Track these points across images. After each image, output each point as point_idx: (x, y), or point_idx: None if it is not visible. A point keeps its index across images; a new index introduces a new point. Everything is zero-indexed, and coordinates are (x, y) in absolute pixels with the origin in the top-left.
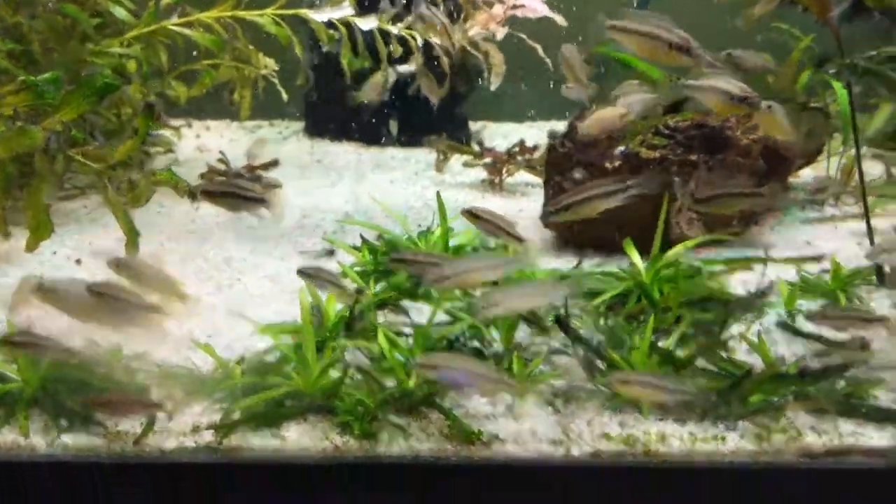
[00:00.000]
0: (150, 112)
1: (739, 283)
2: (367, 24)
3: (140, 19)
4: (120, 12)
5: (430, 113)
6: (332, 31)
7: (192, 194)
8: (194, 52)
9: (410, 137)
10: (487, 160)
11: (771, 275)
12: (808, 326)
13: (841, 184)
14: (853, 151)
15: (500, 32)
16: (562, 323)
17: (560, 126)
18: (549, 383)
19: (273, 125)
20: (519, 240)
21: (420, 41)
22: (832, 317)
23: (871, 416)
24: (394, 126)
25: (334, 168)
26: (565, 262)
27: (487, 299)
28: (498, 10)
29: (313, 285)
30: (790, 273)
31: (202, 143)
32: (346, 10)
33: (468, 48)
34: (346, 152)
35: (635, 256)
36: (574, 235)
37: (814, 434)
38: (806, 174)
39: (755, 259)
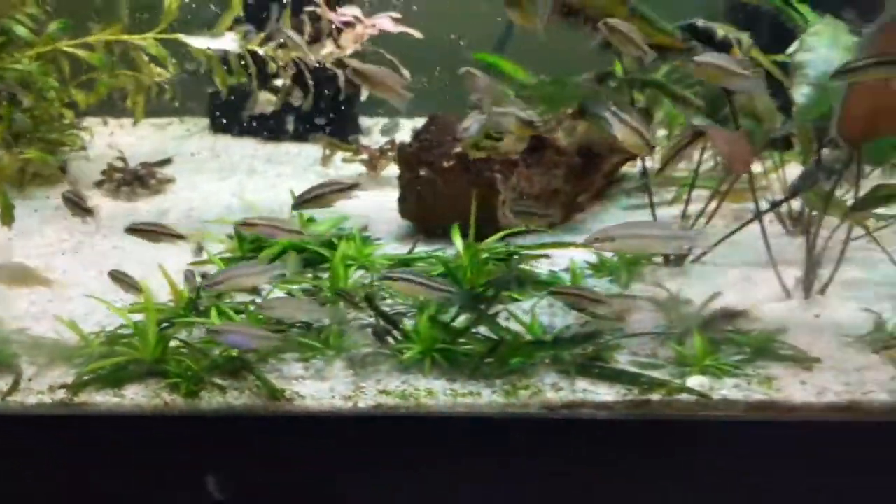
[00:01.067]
0: (12, 99)
1: (548, 264)
2: (233, 47)
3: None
4: (21, 30)
5: (324, 111)
6: (209, 50)
7: (63, 170)
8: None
9: (305, 133)
10: (364, 156)
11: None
12: None
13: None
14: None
15: (351, 48)
16: (369, 300)
17: None
18: (357, 350)
19: (182, 122)
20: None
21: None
22: (567, 294)
23: (603, 376)
24: (290, 123)
25: (230, 163)
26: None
27: (268, 304)
28: (360, 29)
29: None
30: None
31: (114, 140)
32: (226, 42)
33: (330, 65)
34: (244, 147)
35: (458, 243)
36: (425, 224)
37: (553, 391)
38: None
39: (558, 244)
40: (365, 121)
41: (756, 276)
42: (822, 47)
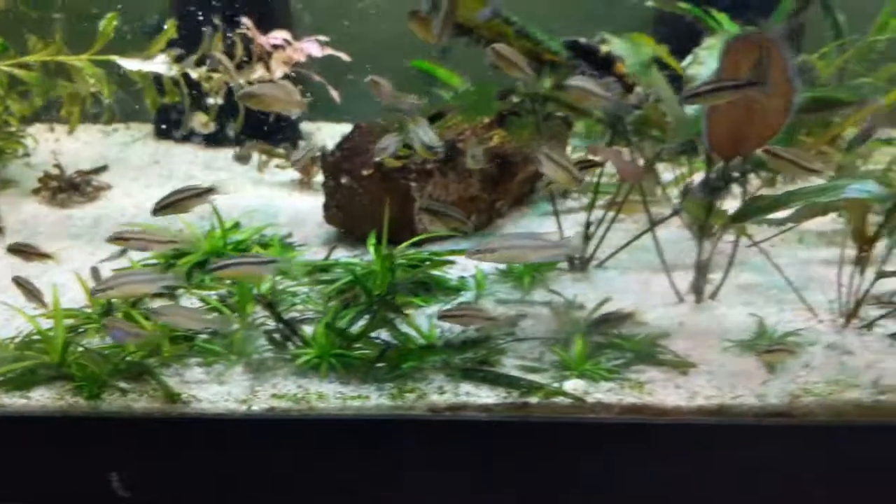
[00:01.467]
0: None
1: (459, 270)
2: (164, 70)
3: None
4: None
5: (265, 118)
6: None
7: None
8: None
9: (247, 139)
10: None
11: None
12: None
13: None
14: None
15: (280, 72)
16: (270, 305)
17: None
18: (258, 355)
19: (129, 128)
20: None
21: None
22: (456, 314)
23: (486, 380)
24: (231, 130)
25: (168, 169)
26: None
27: (158, 311)
28: (289, 52)
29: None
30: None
31: (58, 146)
32: (157, 65)
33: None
34: (184, 154)
35: (373, 249)
36: (349, 230)
37: (438, 394)
38: None
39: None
40: (307, 126)
41: (654, 280)
42: (714, 61)
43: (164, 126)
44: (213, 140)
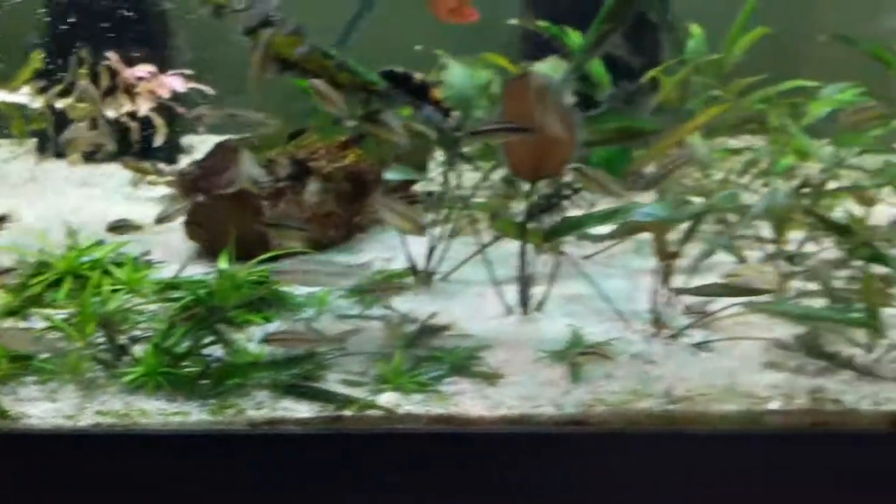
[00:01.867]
0: None
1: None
2: (29, 102)
3: None
4: None
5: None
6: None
7: None
8: None
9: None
10: (169, 178)
11: None
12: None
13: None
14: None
15: (146, 107)
16: (106, 325)
17: None
18: (92, 373)
19: (13, 143)
20: None
21: None
22: (281, 338)
23: (306, 395)
24: (109, 145)
25: (44, 185)
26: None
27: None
28: (153, 86)
29: None
30: None
31: None
32: (20, 97)
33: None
34: (61, 169)
35: (223, 266)
36: (211, 247)
37: (255, 409)
38: None
39: None
40: (191, 139)
41: (491, 293)
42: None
43: (44, 142)
44: (91, 157)
